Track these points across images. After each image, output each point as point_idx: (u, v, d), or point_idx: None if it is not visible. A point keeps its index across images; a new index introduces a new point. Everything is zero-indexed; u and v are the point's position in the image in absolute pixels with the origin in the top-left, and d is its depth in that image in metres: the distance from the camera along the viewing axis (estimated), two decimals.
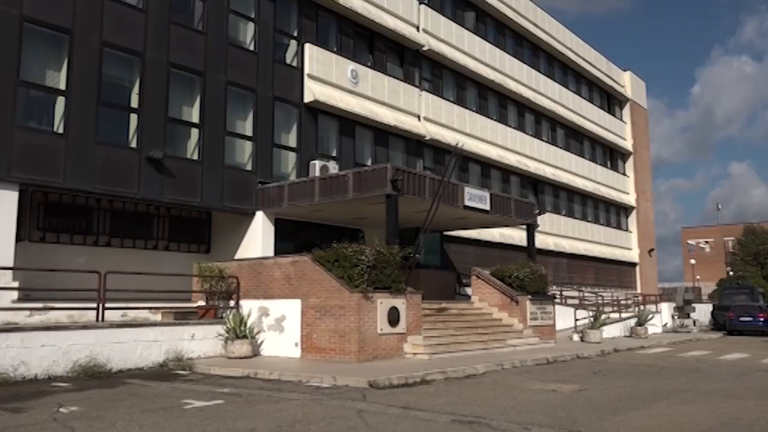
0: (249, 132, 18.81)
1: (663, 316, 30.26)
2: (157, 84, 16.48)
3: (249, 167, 18.69)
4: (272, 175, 19.08)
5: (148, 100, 16.25)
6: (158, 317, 14.62)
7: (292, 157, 20.01)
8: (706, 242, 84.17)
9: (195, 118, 17.53)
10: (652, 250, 44.53)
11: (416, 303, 15.02)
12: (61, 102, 14.79)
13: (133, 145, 15.99)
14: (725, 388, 11.20)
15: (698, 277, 66.70)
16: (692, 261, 67.44)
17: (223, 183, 17.76)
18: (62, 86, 14.79)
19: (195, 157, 17.36)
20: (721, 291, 38.47)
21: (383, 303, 14.08)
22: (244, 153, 18.79)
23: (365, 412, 8.19)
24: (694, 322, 30.92)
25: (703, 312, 34.58)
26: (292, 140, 20.06)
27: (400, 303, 14.51)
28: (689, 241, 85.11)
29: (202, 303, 15.70)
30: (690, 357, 17.46)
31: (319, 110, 20.65)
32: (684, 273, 79.70)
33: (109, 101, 15.65)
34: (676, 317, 30.53)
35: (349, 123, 21.69)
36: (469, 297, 21.03)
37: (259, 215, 18.53)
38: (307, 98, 20.18)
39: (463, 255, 26.41)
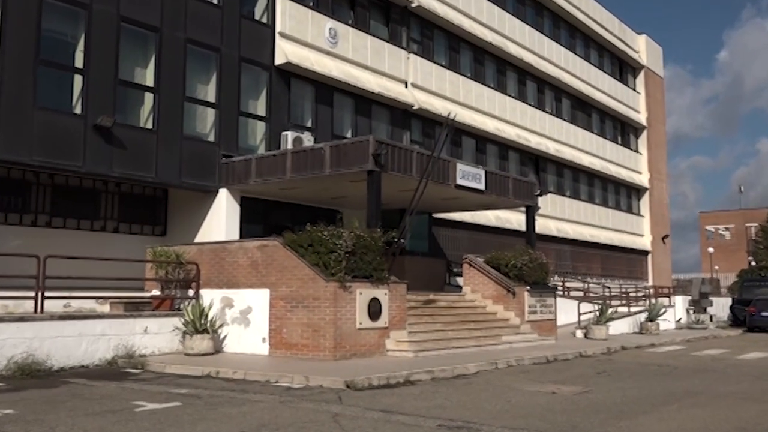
0: (211, 98, 18.64)
1: (677, 310, 30.67)
2: (105, 41, 16.23)
3: (211, 138, 18.55)
4: (238, 148, 18.95)
5: (95, 60, 16.01)
6: (106, 308, 14.55)
7: (260, 127, 19.87)
8: (727, 228, 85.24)
9: (149, 81, 17.33)
10: (666, 236, 45.01)
11: (400, 294, 15.07)
12: None
13: (78, 110, 15.78)
14: (743, 390, 11.40)
15: (717, 267, 67.58)
16: (710, 249, 68.34)
17: (182, 156, 17.61)
18: None
19: (149, 125, 17.18)
20: (742, 283, 39.01)
21: (363, 294, 14.11)
22: (205, 122, 18.63)
23: (341, 416, 8.23)
24: (711, 317, 31.36)
25: (721, 306, 35.09)
26: (261, 108, 19.91)
27: (382, 294, 14.55)
28: (707, 227, 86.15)
29: (156, 292, 15.62)
30: (705, 356, 17.75)
31: (292, 74, 20.49)
32: (701, 263, 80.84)
33: (49, 60, 15.39)
34: (691, 312, 30.95)
35: (326, 89, 21.57)
36: (460, 288, 21.13)
37: (223, 193, 18.43)
38: (279, 60, 20.01)
39: (454, 240, 26.50)
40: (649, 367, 14.82)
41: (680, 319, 30.62)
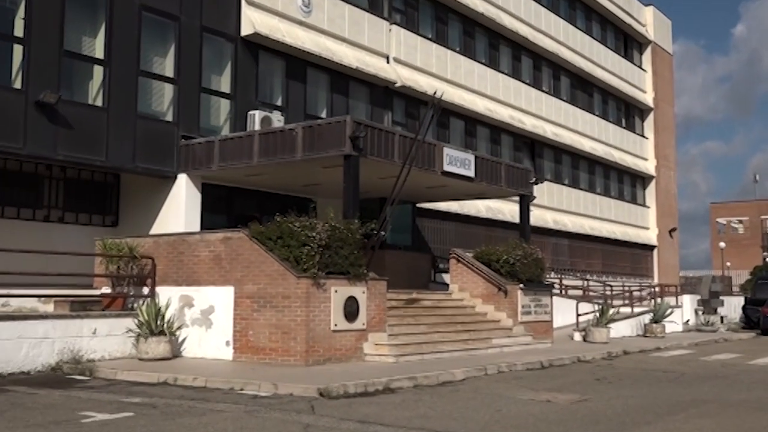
0: (169, 72, 18.51)
1: (684, 311, 31.01)
2: (49, 6, 16.04)
3: (169, 117, 18.44)
4: (199, 129, 18.86)
5: (37, 28, 15.82)
6: (50, 308, 14.46)
7: (225, 105, 19.78)
8: (740, 221, 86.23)
9: (99, 53, 17.16)
10: (673, 230, 45.44)
11: (380, 292, 15.11)
12: None
13: (18, 85, 15.61)
14: (756, 398, 11.58)
15: (728, 263, 68.43)
16: (722, 244, 69.06)
17: (136, 137, 17.49)
18: None
19: (99, 102, 17.04)
20: (756, 281, 39.48)
21: (338, 292, 14.13)
22: (162, 99, 18.52)
23: (313, 427, 8.26)
24: (722, 318, 31.75)
25: (732, 307, 35.53)
26: (225, 84, 19.81)
27: (359, 292, 14.57)
28: (719, 220, 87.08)
29: (106, 290, 15.58)
30: (715, 361, 17.99)
31: (260, 46, 20.40)
32: (711, 259, 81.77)
33: None
34: (700, 313, 31.30)
35: (298, 63, 21.49)
36: (446, 285, 21.22)
37: (182, 179, 18.34)
38: (245, 30, 19.90)
39: (440, 233, 26.57)
40: (653, 373, 15.00)
41: (688, 320, 30.97)
